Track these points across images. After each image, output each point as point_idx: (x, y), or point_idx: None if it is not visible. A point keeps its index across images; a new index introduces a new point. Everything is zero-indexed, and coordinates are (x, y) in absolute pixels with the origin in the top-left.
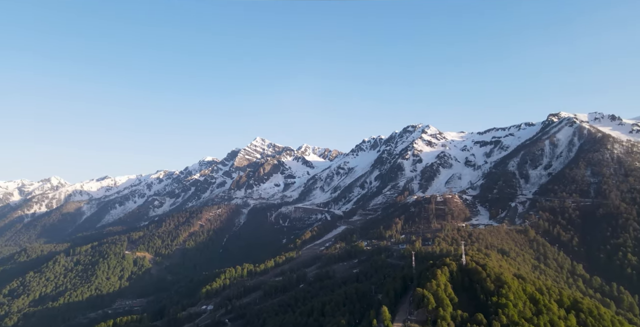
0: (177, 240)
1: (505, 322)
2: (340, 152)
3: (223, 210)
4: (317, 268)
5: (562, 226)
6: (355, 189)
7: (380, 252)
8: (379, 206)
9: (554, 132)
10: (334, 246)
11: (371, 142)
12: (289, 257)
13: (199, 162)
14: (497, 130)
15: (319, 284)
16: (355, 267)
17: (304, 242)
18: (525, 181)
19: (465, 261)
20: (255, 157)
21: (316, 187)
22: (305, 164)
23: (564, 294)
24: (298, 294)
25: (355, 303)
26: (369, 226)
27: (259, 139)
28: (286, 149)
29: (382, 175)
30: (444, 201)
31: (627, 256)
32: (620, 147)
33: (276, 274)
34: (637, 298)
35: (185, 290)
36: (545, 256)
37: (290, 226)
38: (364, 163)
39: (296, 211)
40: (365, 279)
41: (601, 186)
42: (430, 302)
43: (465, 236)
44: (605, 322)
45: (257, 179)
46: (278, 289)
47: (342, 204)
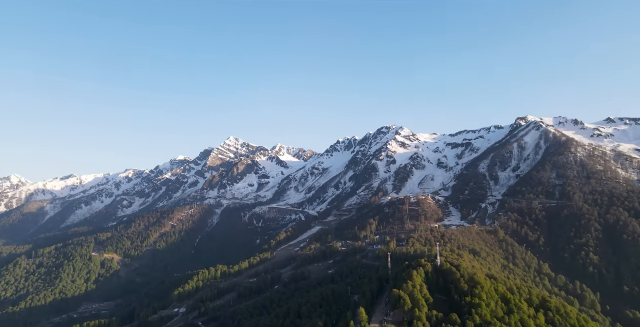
0: (147, 241)
1: (478, 321)
2: (315, 153)
3: (196, 210)
4: (292, 269)
5: (529, 226)
6: (329, 190)
7: (356, 253)
8: (353, 207)
9: (521, 136)
10: (309, 247)
11: (346, 143)
12: (263, 258)
13: (170, 161)
14: (468, 132)
15: (295, 285)
16: (330, 268)
17: (278, 243)
18: (495, 183)
19: (440, 262)
20: (228, 157)
21: (291, 188)
22: (280, 164)
23: (533, 293)
24: (273, 295)
25: (332, 304)
26: (344, 226)
27: (232, 139)
28: (260, 149)
29: (357, 176)
30: (417, 202)
31: (590, 256)
32: (583, 151)
33: (251, 275)
34: (598, 296)
35: (156, 292)
36: (514, 255)
37: (264, 226)
38: (338, 164)
39: (270, 212)
40: (340, 280)
41: (565, 188)
42: (406, 303)
43: (439, 236)
44: (572, 320)
45: (230, 179)
46: (253, 291)
47: (316, 204)
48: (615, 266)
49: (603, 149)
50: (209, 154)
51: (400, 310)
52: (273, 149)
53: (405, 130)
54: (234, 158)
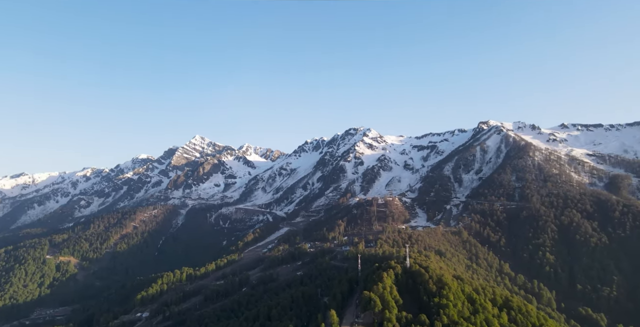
0: (107, 243)
1: (446, 322)
2: (283, 153)
3: (159, 211)
4: (260, 271)
5: (491, 227)
6: (297, 190)
7: (324, 254)
8: (321, 208)
9: (484, 139)
10: (277, 248)
11: (314, 144)
12: (230, 260)
13: (132, 159)
14: (433, 135)
15: (263, 287)
16: (299, 270)
17: (246, 244)
18: (459, 185)
19: (409, 263)
20: (194, 156)
21: (258, 188)
22: (247, 164)
23: (497, 293)
24: (241, 298)
25: (302, 307)
26: (312, 227)
27: (198, 137)
28: (227, 149)
29: (325, 176)
30: (385, 203)
31: (546, 255)
32: (540, 155)
33: (217, 277)
34: (554, 294)
35: (117, 297)
36: (477, 256)
37: (231, 227)
38: (306, 164)
39: (237, 212)
40: (309, 281)
41: (524, 190)
42: (376, 304)
43: (406, 237)
44: (532, 318)
45: (196, 179)
46: (220, 294)
47: (284, 205)
48: (569, 265)
49: (558, 153)
50: (174, 152)
51: (370, 311)
52: (240, 149)
53: (373, 132)
54: (199, 157)
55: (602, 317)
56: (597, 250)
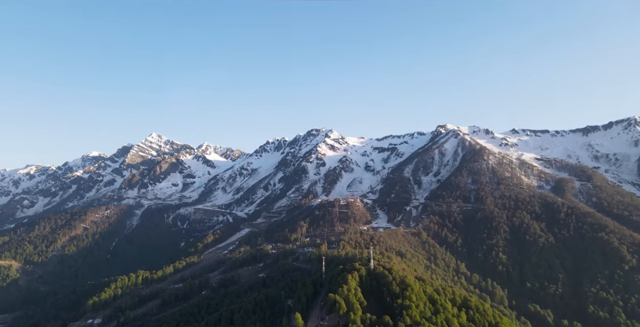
0: (54, 245)
1: (409, 322)
2: (244, 153)
3: (112, 211)
4: (220, 273)
5: (448, 228)
6: (258, 191)
7: (287, 255)
8: (283, 209)
9: (442, 143)
10: (238, 250)
11: (275, 144)
12: (189, 262)
13: (82, 157)
14: (393, 137)
15: (224, 290)
16: (261, 272)
17: (205, 245)
18: (418, 187)
19: (373, 265)
20: (150, 155)
21: (218, 188)
22: (206, 164)
23: (456, 293)
24: (201, 301)
25: (265, 310)
26: (274, 228)
27: (155, 135)
28: (185, 147)
29: (287, 177)
30: (347, 204)
31: (499, 255)
32: (493, 159)
33: (176, 280)
34: (506, 292)
35: (66, 302)
36: (435, 256)
37: (189, 228)
38: (268, 164)
39: (196, 213)
40: (272, 283)
41: (479, 192)
42: (341, 307)
43: (368, 239)
44: (489, 317)
45: (152, 178)
46: (178, 297)
47: (245, 205)
48: (519, 264)
49: (510, 157)
50: (128, 150)
51: (335, 314)
52: (199, 148)
53: (335, 133)
54: (156, 156)
55: (549, 313)
56: (545, 249)
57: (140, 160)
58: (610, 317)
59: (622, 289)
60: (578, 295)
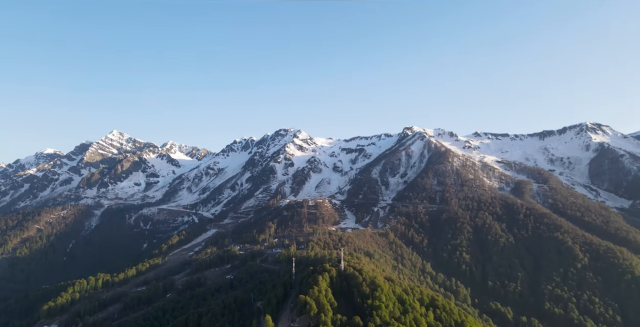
0: (4, 247)
1: (378, 322)
2: (210, 152)
3: (69, 211)
4: (186, 275)
5: (415, 229)
6: (225, 191)
7: (255, 256)
8: (251, 209)
9: (408, 144)
10: (204, 251)
11: (242, 144)
12: (153, 264)
13: (35, 154)
14: (361, 138)
15: (190, 292)
16: (228, 273)
17: (170, 247)
18: (385, 188)
19: (344, 266)
20: (111, 153)
21: (183, 188)
22: (171, 163)
23: (424, 293)
24: (166, 304)
25: (234, 312)
26: (242, 229)
27: (116, 133)
28: (149, 146)
29: (254, 177)
30: (315, 205)
31: (463, 255)
32: (458, 161)
33: (138, 283)
34: (469, 290)
35: (17, 308)
36: (402, 256)
37: (152, 229)
38: (235, 164)
39: (160, 213)
40: (240, 285)
41: (444, 194)
42: (312, 308)
43: (336, 239)
44: (455, 315)
45: (113, 177)
46: (142, 301)
47: (211, 206)
48: (482, 263)
49: (473, 159)
50: (87, 148)
51: (306, 315)
52: (163, 146)
53: (303, 134)
54: (117, 154)
55: (509, 311)
56: (505, 249)
57: (100, 159)
58: (565, 313)
59: (575, 286)
60: (536, 292)
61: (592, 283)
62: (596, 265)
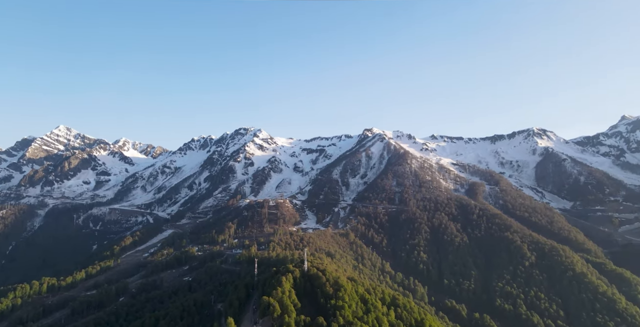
0: None
1: (342, 322)
2: (166, 150)
3: (9, 211)
4: (141, 277)
5: (375, 229)
6: (182, 190)
7: (214, 257)
8: (209, 209)
9: (369, 146)
10: (160, 252)
11: (201, 142)
12: (104, 267)
13: None
14: (321, 139)
15: (145, 295)
16: (186, 275)
17: (123, 248)
18: (346, 188)
19: (307, 267)
20: (57, 149)
21: (137, 187)
22: (124, 160)
23: (385, 292)
24: (119, 309)
25: (194, 315)
26: (200, 230)
27: (63, 128)
28: (100, 142)
29: (213, 176)
30: (276, 205)
31: (420, 254)
32: (416, 163)
33: (88, 287)
34: (426, 289)
35: None
36: (363, 256)
37: (103, 229)
38: (192, 163)
39: (111, 213)
40: (199, 287)
41: (403, 195)
42: (275, 309)
43: (298, 240)
44: (415, 314)
45: (59, 175)
46: (92, 305)
47: (167, 205)
48: (438, 262)
49: (430, 161)
50: (29, 144)
51: (269, 317)
52: (116, 143)
53: (264, 133)
54: (64, 151)
55: (463, 308)
56: (460, 248)
57: (44, 155)
58: (514, 309)
59: (523, 283)
60: (488, 290)
61: (538, 280)
62: (542, 263)
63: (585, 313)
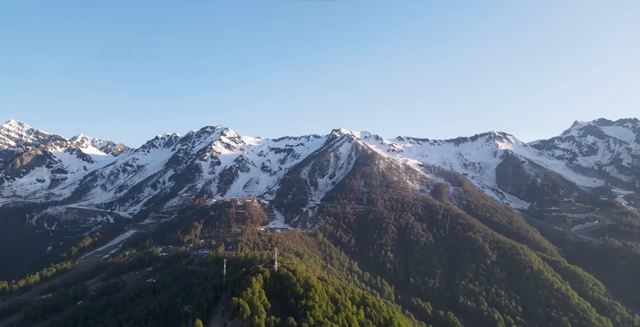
0: None
1: (312, 322)
2: (128, 147)
3: None
4: (101, 280)
5: (343, 229)
6: (146, 189)
7: (180, 258)
8: (174, 209)
9: (337, 146)
10: (122, 253)
11: (165, 140)
12: (61, 269)
13: None
14: (289, 139)
15: (106, 298)
16: (150, 276)
17: (81, 249)
18: (314, 188)
19: (277, 267)
20: (7, 145)
21: (96, 185)
22: (82, 158)
23: (355, 292)
24: (78, 313)
25: (159, 318)
26: (165, 230)
27: (14, 123)
28: (55, 138)
29: (178, 175)
30: (244, 205)
31: (388, 254)
32: (383, 163)
33: (43, 291)
34: (393, 288)
35: None
36: (331, 256)
37: (59, 230)
38: (156, 161)
39: (68, 213)
40: (164, 289)
41: (371, 195)
42: (245, 310)
43: (266, 240)
44: (384, 313)
45: (10, 172)
46: (47, 310)
47: (129, 205)
48: (405, 261)
49: (397, 162)
50: None
51: (239, 318)
52: (73, 140)
53: (231, 132)
54: (16, 147)
55: (429, 306)
56: (426, 248)
57: None
58: (476, 306)
59: (485, 281)
60: (451, 288)
61: (499, 278)
62: (502, 261)
63: (542, 309)
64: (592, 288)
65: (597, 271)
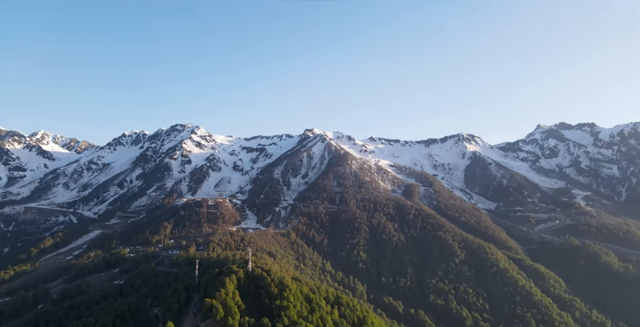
0: None
1: (287, 323)
2: (93, 145)
3: None
4: (63, 282)
5: (315, 229)
6: (112, 188)
7: (148, 259)
8: (143, 208)
9: (310, 146)
10: (86, 255)
11: (133, 137)
12: (20, 271)
13: None
14: (262, 138)
15: (69, 302)
16: (117, 278)
17: (42, 251)
18: (287, 188)
19: (252, 267)
20: None
21: (58, 184)
22: (42, 155)
23: (329, 292)
24: (39, 317)
25: (128, 321)
26: (132, 230)
27: None
28: (13, 134)
29: (146, 174)
30: (215, 204)
31: (360, 254)
32: (356, 163)
33: (1, 294)
34: (365, 287)
35: None
36: (304, 256)
37: (17, 231)
38: (123, 159)
39: (27, 212)
40: (132, 291)
41: (344, 195)
42: (219, 311)
43: (238, 240)
44: (357, 312)
45: None
46: (4, 314)
47: (94, 204)
48: (377, 261)
49: (369, 163)
50: None
51: (212, 319)
52: (33, 136)
53: (202, 130)
54: None
55: (400, 304)
56: (397, 247)
57: None
58: (446, 304)
59: (454, 279)
60: (422, 286)
61: (467, 276)
62: (470, 260)
63: (507, 306)
64: (553, 285)
65: (558, 268)
